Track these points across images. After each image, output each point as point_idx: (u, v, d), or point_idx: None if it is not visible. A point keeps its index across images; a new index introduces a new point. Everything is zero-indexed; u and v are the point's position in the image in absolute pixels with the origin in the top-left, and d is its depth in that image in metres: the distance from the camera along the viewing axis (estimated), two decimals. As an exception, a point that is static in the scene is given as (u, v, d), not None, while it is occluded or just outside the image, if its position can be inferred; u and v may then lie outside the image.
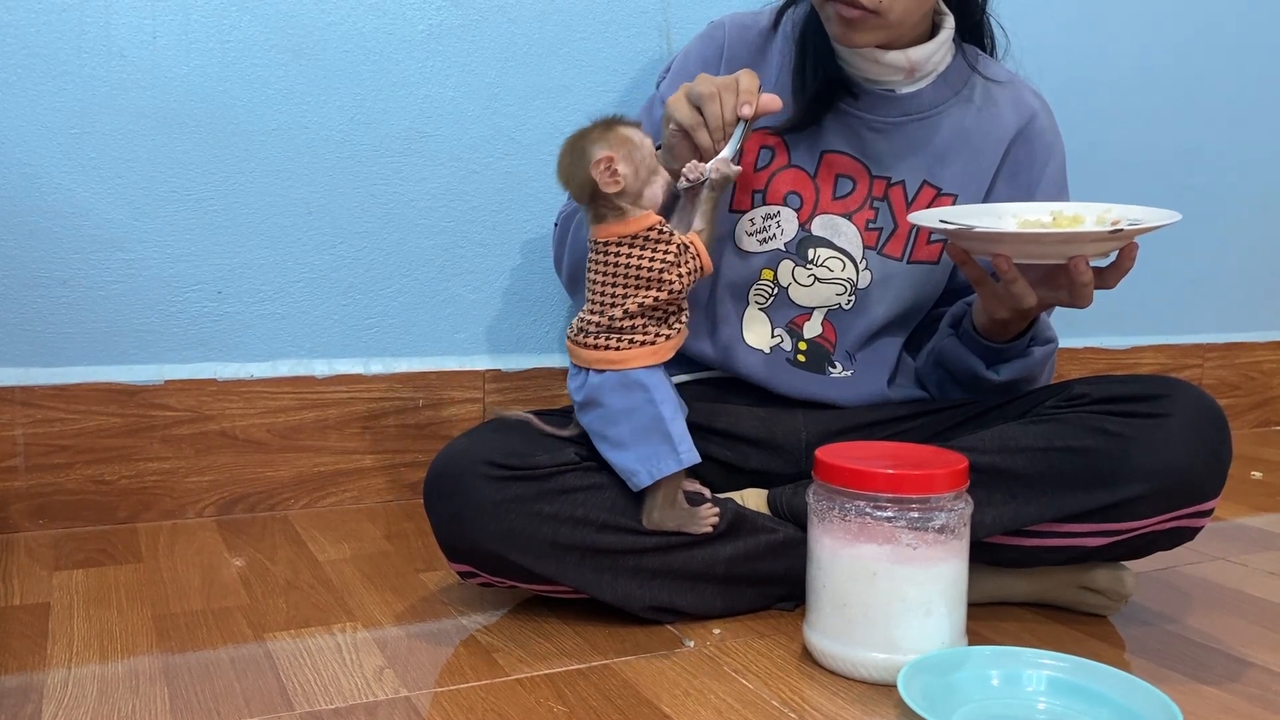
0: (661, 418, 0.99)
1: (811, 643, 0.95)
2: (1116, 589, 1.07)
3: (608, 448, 1.01)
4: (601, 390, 1.00)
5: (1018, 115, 1.21)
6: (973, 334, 1.14)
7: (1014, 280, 1.00)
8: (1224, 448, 1.01)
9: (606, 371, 0.99)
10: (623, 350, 0.99)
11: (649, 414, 0.99)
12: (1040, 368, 1.15)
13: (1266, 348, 2.15)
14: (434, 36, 1.43)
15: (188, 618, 1.04)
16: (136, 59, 1.30)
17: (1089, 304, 1.01)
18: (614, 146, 0.97)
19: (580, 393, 1.02)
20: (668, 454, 0.99)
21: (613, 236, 0.99)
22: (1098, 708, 0.83)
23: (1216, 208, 2.03)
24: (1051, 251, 0.97)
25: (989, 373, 1.14)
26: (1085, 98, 1.84)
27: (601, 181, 0.97)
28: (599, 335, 0.99)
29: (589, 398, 1.01)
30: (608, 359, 0.99)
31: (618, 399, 0.99)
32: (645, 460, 0.99)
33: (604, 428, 1.01)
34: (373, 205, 1.43)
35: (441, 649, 0.98)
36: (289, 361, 1.41)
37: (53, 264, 1.29)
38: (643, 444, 0.99)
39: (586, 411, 1.02)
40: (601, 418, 1.01)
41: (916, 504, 0.89)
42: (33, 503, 1.30)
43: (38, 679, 0.90)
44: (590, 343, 1.00)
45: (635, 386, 0.99)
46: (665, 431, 0.99)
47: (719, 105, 1.02)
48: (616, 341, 0.99)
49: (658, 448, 0.98)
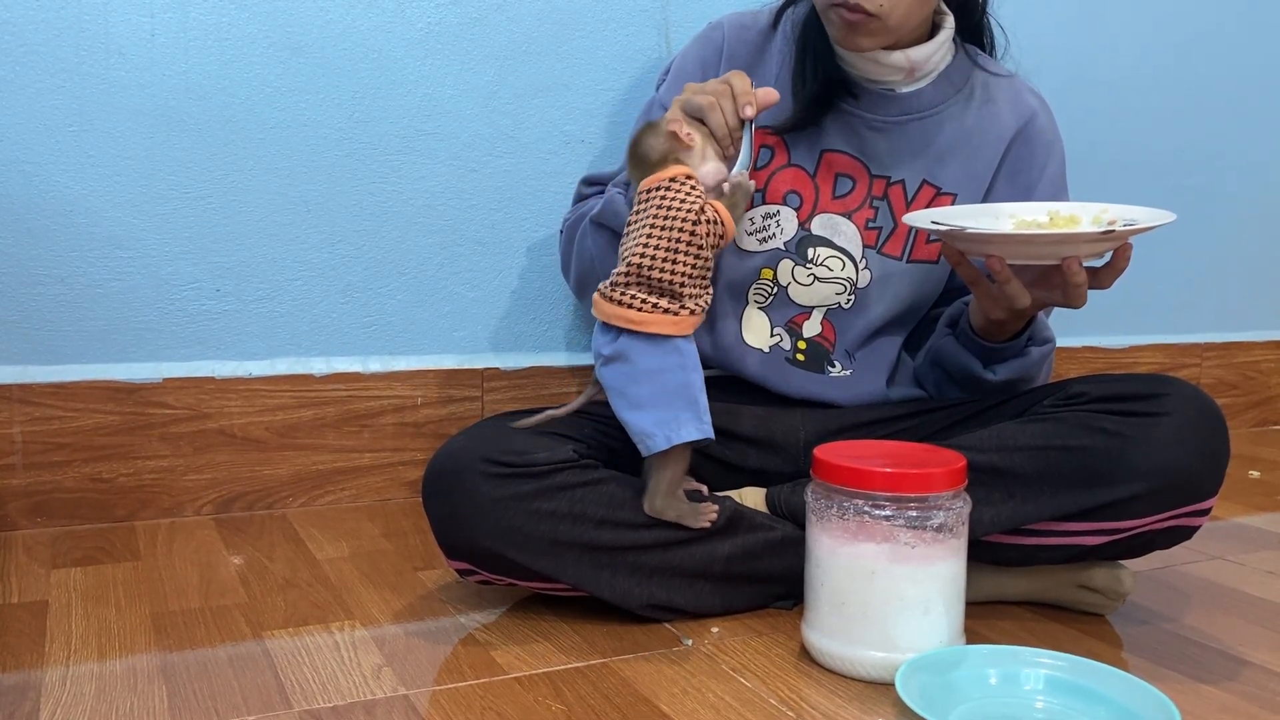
0: (690, 384, 0.97)
1: (810, 641, 0.95)
2: (1114, 588, 1.07)
3: (626, 406, 0.98)
4: (631, 347, 0.98)
5: (1017, 115, 1.21)
6: (970, 334, 1.14)
7: (1007, 281, 1.00)
8: (1222, 447, 1.01)
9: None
10: (644, 313, 0.97)
11: (678, 378, 0.97)
12: (1038, 368, 1.16)
13: (1264, 347, 2.15)
14: (432, 34, 1.43)
15: (186, 616, 1.04)
16: (135, 57, 1.30)
17: (1083, 304, 1.01)
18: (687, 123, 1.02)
19: (609, 346, 0.99)
20: (690, 420, 0.96)
21: (652, 183, 1.00)
22: (1096, 706, 0.83)
23: (1215, 207, 2.03)
24: (1044, 252, 0.97)
25: (986, 372, 1.14)
26: (1085, 98, 1.85)
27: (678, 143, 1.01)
28: (626, 289, 0.98)
29: (618, 352, 0.98)
30: (627, 317, 0.98)
31: (647, 358, 0.97)
32: (663, 424, 0.96)
33: (626, 385, 0.98)
34: (371, 203, 1.43)
35: (440, 647, 0.98)
36: (287, 359, 1.41)
37: (50, 262, 1.29)
38: (664, 407, 0.96)
39: (611, 365, 0.99)
40: (627, 374, 0.98)
41: (915, 503, 0.89)
42: (31, 501, 1.30)
43: (36, 677, 0.90)
44: (616, 296, 0.98)
45: (670, 350, 0.98)
46: (692, 397, 0.97)
47: (720, 114, 1.02)
48: (640, 303, 0.97)
49: (679, 413, 0.96)
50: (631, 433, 0.98)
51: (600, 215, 1.14)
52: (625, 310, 0.98)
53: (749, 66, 1.19)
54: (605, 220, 1.13)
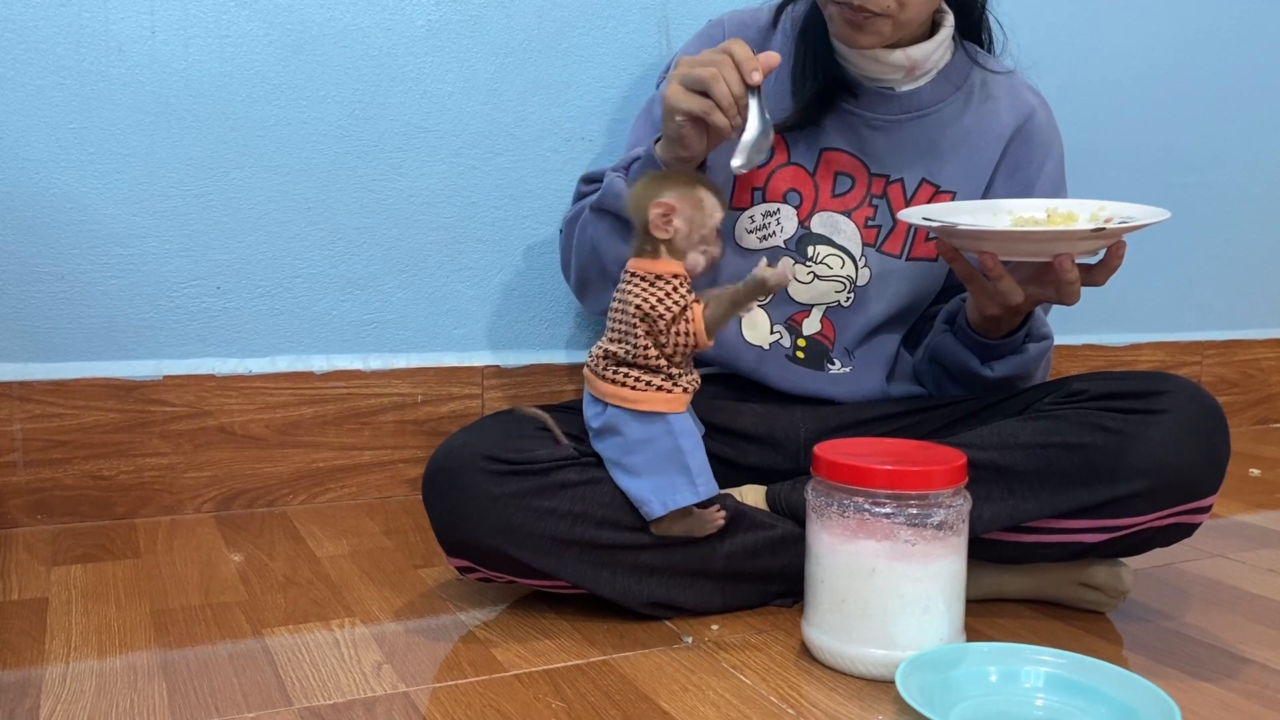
0: (680, 449, 0.98)
1: (809, 639, 0.95)
2: (1115, 585, 1.07)
3: (622, 474, 1.00)
4: (620, 419, 0.99)
5: (1016, 112, 1.21)
6: (967, 330, 1.14)
7: (1000, 278, 1.00)
8: (1222, 445, 1.01)
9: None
10: (639, 391, 0.98)
11: (667, 445, 0.98)
12: (1035, 365, 1.16)
13: (1265, 345, 2.15)
14: (433, 32, 1.43)
15: (186, 613, 1.04)
16: (135, 54, 1.30)
17: (1076, 301, 1.01)
18: (682, 200, 0.97)
19: (598, 420, 1.01)
20: (684, 485, 0.98)
21: (638, 269, 0.98)
22: (1096, 704, 0.83)
23: (1215, 205, 2.03)
24: (1036, 249, 0.97)
25: (984, 369, 1.14)
26: (1084, 95, 1.84)
27: (653, 223, 0.97)
28: (617, 369, 0.99)
29: (606, 425, 1.00)
30: (622, 396, 0.98)
31: (636, 429, 0.99)
32: (660, 490, 0.98)
33: (621, 456, 1.00)
34: (371, 201, 1.43)
35: (440, 645, 0.98)
36: (287, 357, 1.41)
37: (51, 259, 1.29)
38: (659, 473, 0.98)
39: (603, 439, 1.01)
40: (619, 446, 1.00)
41: (915, 500, 0.89)
42: (31, 498, 1.30)
43: (36, 674, 0.90)
44: (610, 376, 0.99)
45: (655, 418, 0.98)
46: (683, 463, 0.98)
47: (724, 83, 0.98)
48: (634, 381, 0.98)
49: (674, 479, 0.98)
50: (632, 499, 1.00)
51: (601, 200, 1.12)
52: (620, 389, 0.98)
53: None
54: (606, 204, 1.11)
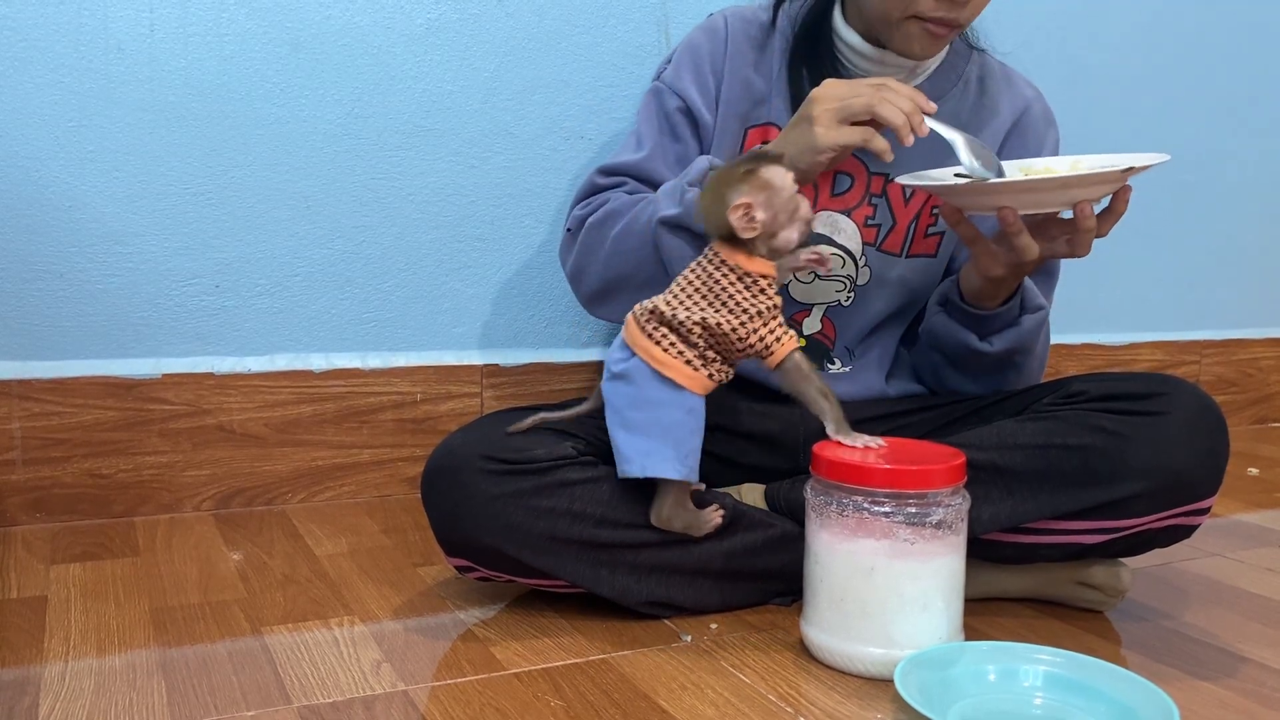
0: (681, 424, 0.97)
1: (809, 638, 0.95)
2: (1113, 585, 1.07)
3: (618, 425, 0.98)
4: (640, 373, 0.97)
5: (1013, 106, 1.22)
6: (961, 305, 1.13)
7: (1019, 233, 0.98)
8: (1221, 446, 1.01)
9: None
10: (669, 355, 0.96)
11: (673, 415, 0.97)
12: (1034, 336, 1.14)
13: (1264, 344, 2.15)
14: (432, 30, 1.43)
15: (185, 611, 1.04)
16: (134, 52, 1.29)
17: (1088, 253, 1.01)
18: (753, 192, 0.95)
19: (619, 365, 0.98)
20: (670, 458, 0.96)
21: (729, 259, 0.97)
22: (1094, 703, 0.83)
23: (1214, 205, 2.03)
24: (1054, 199, 0.96)
25: (982, 345, 1.13)
26: (1082, 93, 1.84)
27: (739, 228, 0.95)
28: (658, 327, 0.97)
29: (625, 373, 0.98)
30: (649, 352, 0.97)
31: (651, 388, 0.97)
32: (645, 454, 0.97)
33: (626, 407, 0.98)
34: (371, 199, 1.43)
35: (439, 643, 0.98)
36: (286, 355, 1.41)
37: (50, 257, 1.29)
38: (652, 437, 0.97)
39: (617, 384, 0.99)
40: (629, 396, 0.98)
41: (914, 499, 0.89)
42: (30, 496, 1.30)
43: (35, 672, 0.90)
44: (648, 330, 0.97)
45: (673, 386, 0.97)
46: (678, 438, 0.97)
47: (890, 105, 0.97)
48: (669, 345, 0.97)
49: (663, 448, 0.97)
50: (615, 451, 0.99)
51: (682, 218, 1.06)
52: (651, 346, 0.97)
53: (752, 59, 1.19)
54: (691, 223, 1.05)
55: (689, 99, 1.18)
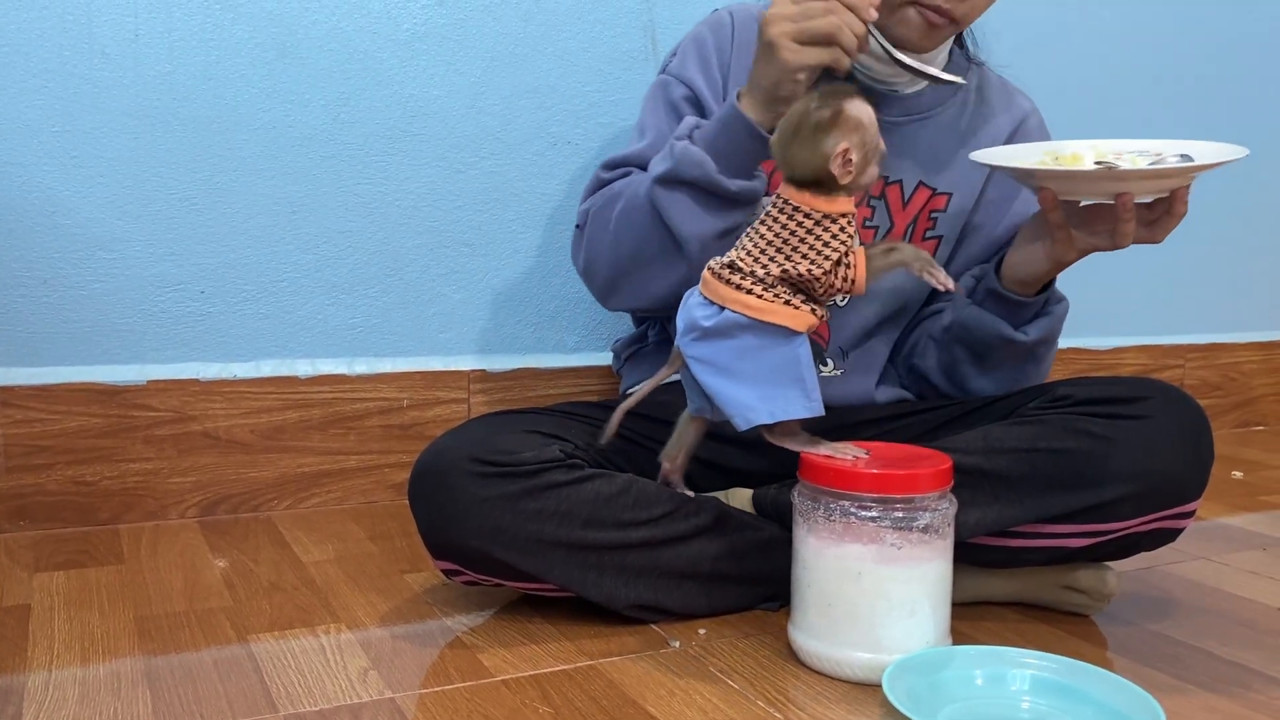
0: (799, 360, 0.93)
1: (796, 642, 0.95)
2: (1099, 588, 1.08)
3: (724, 381, 0.94)
4: (737, 324, 0.93)
5: (1011, 116, 1.23)
6: (1001, 293, 1.12)
7: (1130, 219, 0.99)
8: (1206, 450, 1.02)
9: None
10: (765, 302, 0.92)
11: (787, 355, 0.93)
12: (1059, 327, 1.16)
13: (1247, 348, 2.16)
14: (419, 36, 1.42)
15: (170, 619, 1.04)
16: (118, 57, 1.29)
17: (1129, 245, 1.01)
18: (849, 134, 0.91)
19: (710, 320, 0.94)
20: (798, 398, 0.93)
21: (804, 205, 0.92)
22: (1081, 707, 0.83)
23: (1198, 209, 2.03)
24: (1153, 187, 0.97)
25: (1018, 334, 1.13)
26: (1068, 100, 1.85)
27: (840, 175, 0.91)
28: (743, 278, 0.93)
29: (719, 328, 0.93)
30: (746, 303, 0.92)
31: (753, 338, 0.93)
32: (769, 399, 0.92)
33: (731, 360, 0.93)
34: (357, 205, 1.42)
35: (426, 650, 0.98)
36: (272, 361, 1.41)
37: (34, 263, 1.29)
38: (771, 384, 0.93)
39: (712, 340, 0.94)
40: (733, 349, 0.93)
41: (901, 504, 0.89)
42: (13, 504, 1.29)
43: (18, 681, 0.89)
44: (736, 282, 0.93)
45: (775, 329, 0.93)
46: (799, 375, 0.93)
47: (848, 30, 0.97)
48: (763, 291, 0.92)
49: (787, 390, 0.93)
50: (727, 406, 0.94)
51: (676, 171, 1.04)
52: (743, 296, 0.93)
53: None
54: (684, 174, 1.03)
55: (695, 87, 1.18)
